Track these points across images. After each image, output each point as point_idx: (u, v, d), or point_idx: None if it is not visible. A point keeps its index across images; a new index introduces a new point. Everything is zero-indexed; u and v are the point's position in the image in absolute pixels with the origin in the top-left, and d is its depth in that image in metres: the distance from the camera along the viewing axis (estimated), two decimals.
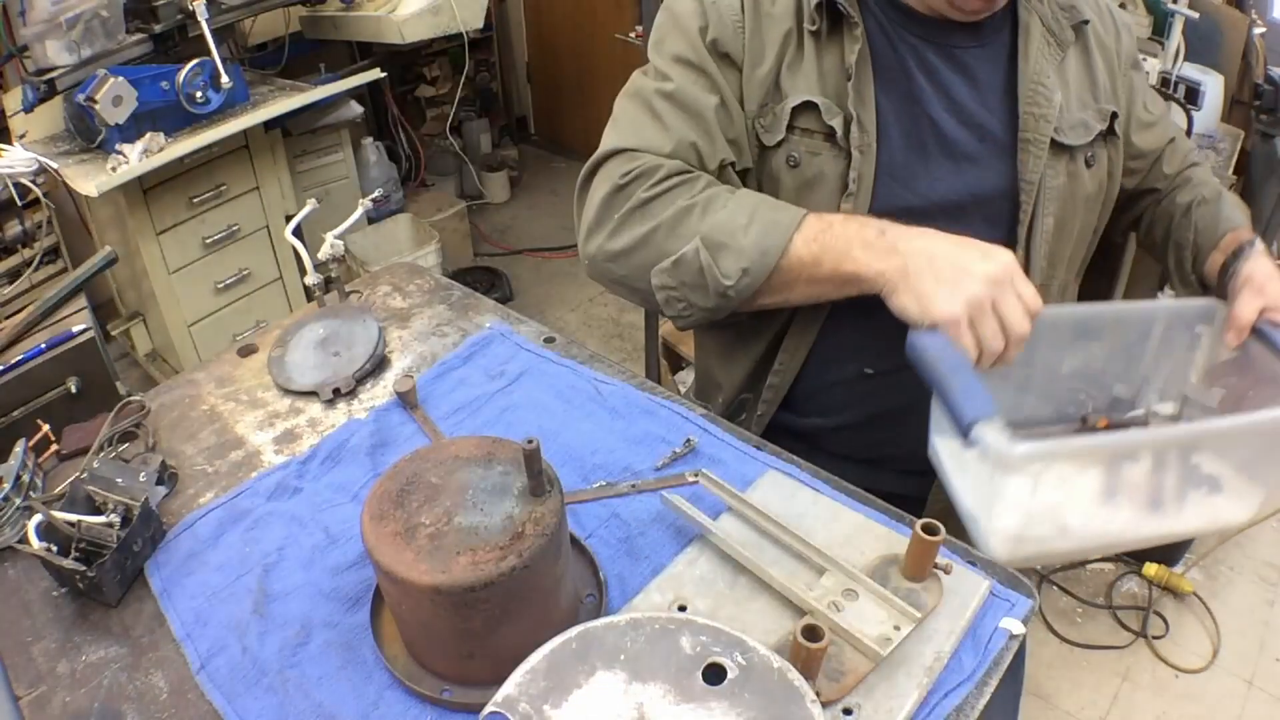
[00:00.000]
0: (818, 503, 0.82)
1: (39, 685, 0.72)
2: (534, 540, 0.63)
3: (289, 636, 0.74)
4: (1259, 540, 2.29)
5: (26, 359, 1.39)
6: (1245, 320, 0.97)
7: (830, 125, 0.96)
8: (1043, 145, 0.99)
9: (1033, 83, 1.00)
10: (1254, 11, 2.25)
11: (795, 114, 0.97)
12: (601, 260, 0.97)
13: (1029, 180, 1.00)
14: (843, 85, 0.96)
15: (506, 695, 0.56)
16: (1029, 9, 1.01)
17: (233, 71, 2.25)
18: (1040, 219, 1.02)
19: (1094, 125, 1.04)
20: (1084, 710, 1.96)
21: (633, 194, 0.94)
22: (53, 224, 2.20)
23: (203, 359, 1.47)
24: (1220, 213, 1.08)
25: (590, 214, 0.97)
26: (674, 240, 0.91)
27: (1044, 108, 0.99)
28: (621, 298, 1.05)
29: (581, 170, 1.00)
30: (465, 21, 2.65)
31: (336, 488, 0.89)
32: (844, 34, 0.97)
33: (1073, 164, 1.03)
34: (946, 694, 0.66)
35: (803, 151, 0.99)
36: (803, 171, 0.99)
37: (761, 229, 0.90)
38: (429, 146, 3.79)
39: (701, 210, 0.92)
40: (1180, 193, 1.14)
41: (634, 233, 0.93)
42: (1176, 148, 1.17)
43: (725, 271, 0.89)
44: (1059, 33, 1.03)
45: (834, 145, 0.97)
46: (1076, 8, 1.04)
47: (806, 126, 0.98)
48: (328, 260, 1.12)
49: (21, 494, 0.85)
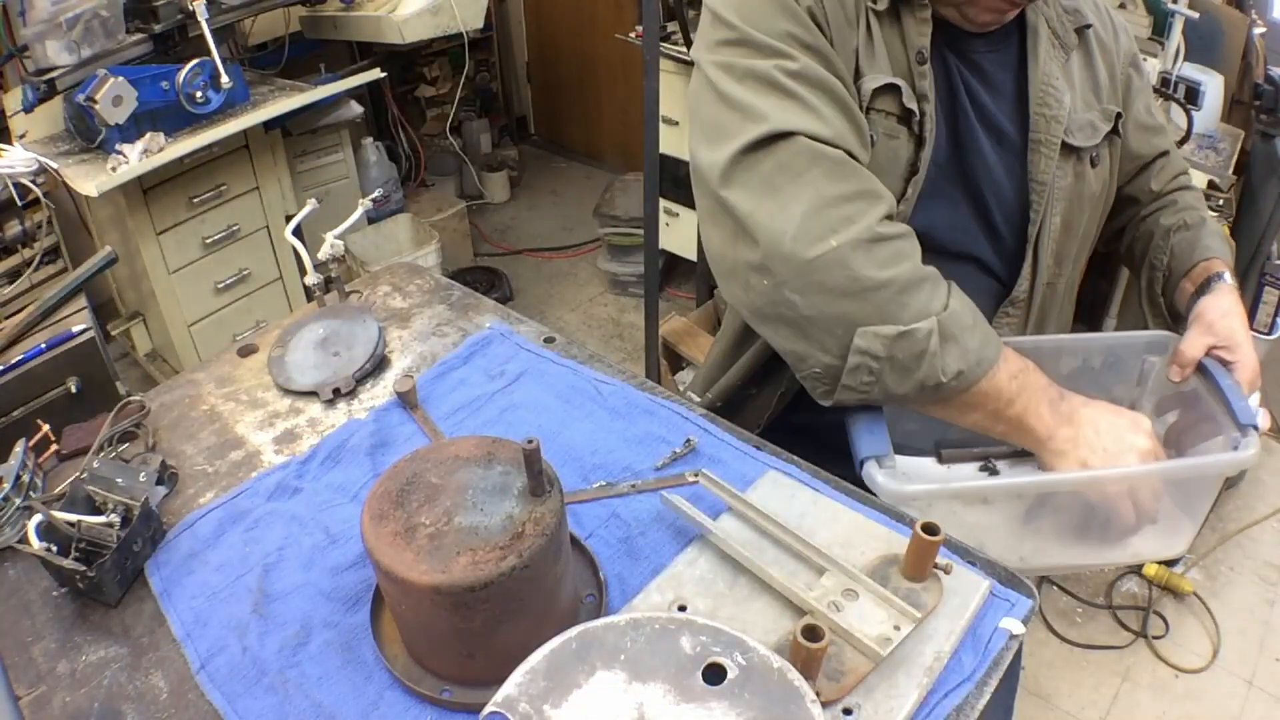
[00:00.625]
0: (818, 503, 0.82)
1: (39, 685, 0.72)
2: (534, 540, 0.63)
3: (289, 636, 0.74)
4: (1259, 540, 2.29)
5: (26, 359, 1.39)
6: (1189, 356, 0.98)
7: (909, 108, 0.94)
8: (1054, 146, 1.00)
9: (1043, 85, 1.00)
10: (1254, 11, 2.25)
11: (875, 95, 0.94)
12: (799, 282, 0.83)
13: (1040, 181, 1.00)
14: (913, 68, 0.95)
15: (506, 695, 0.56)
16: (1036, 12, 1.02)
17: (233, 71, 2.25)
18: (1049, 218, 1.02)
19: (1101, 126, 1.04)
20: (1084, 710, 1.96)
21: (861, 219, 0.83)
22: (53, 224, 2.20)
23: (203, 359, 1.47)
24: (1199, 241, 1.07)
25: (798, 218, 0.83)
26: (900, 308, 0.82)
27: (1054, 109, 1.00)
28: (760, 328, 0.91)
29: (733, 149, 0.86)
30: (465, 21, 2.65)
31: (336, 488, 0.89)
32: (904, 16, 0.94)
33: (1079, 164, 1.03)
34: (946, 694, 0.66)
35: (880, 133, 0.95)
36: (877, 154, 0.95)
37: (983, 336, 0.86)
38: (429, 146, 3.79)
39: (932, 287, 0.85)
40: (1164, 214, 1.14)
41: (865, 273, 0.82)
42: (1168, 164, 1.16)
43: (945, 367, 0.83)
44: (1063, 35, 1.03)
45: (909, 129, 0.96)
46: (1080, 11, 1.05)
47: (884, 108, 0.95)
48: (328, 260, 1.12)
49: (21, 494, 0.85)
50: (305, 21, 2.80)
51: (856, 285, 0.82)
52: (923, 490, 0.86)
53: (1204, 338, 0.98)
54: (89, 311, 1.51)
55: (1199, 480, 0.97)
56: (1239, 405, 0.91)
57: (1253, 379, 0.96)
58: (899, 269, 0.84)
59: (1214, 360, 0.97)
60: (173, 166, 2.20)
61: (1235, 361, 0.96)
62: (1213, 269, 1.04)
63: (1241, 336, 0.98)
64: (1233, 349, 0.97)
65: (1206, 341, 0.98)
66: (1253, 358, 0.97)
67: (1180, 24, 2.10)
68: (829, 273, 0.82)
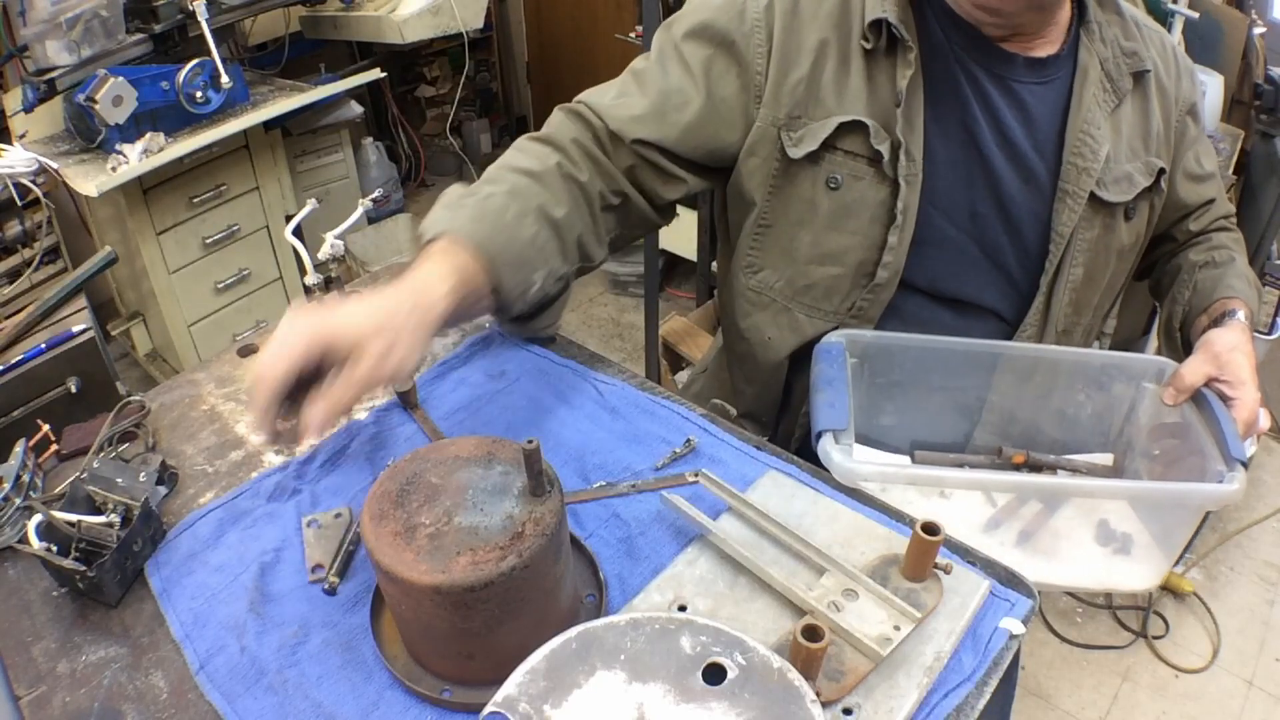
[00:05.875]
0: (818, 503, 0.82)
1: (39, 685, 0.72)
2: (534, 540, 0.63)
3: (287, 636, 0.74)
4: (1259, 540, 2.29)
5: (26, 359, 1.39)
6: (1187, 383, 0.94)
7: (877, 150, 0.92)
8: (1080, 199, 0.95)
9: (1081, 132, 0.95)
10: (1254, 11, 2.25)
11: (839, 133, 0.93)
12: None
13: (1059, 233, 0.96)
14: (891, 109, 0.92)
15: (506, 695, 0.56)
16: (1090, 50, 0.96)
17: (233, 71, 2.25)
18: (1067, 269, 0.98)
19: (1139, 180, 0.99)
20: (1084, 710, 1.96)
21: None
22: (53, 224, 2.20)
23: (203, 359, 1.48)
24: (1223, 279, 1.03)
25: None
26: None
27: (1088, 160, 0.95)
28: None
29: None
30: (465, 21, 2.65)
31: (336, 488, 0.89)
32: (897, 56, 0.92)
33: (1110, 218, 0.99)
34: (946, 694, 0.66)
35: (844, 174, 0.94)
36: (843, 195, 0.95)
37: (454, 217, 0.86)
38: (429, 146, 3.80)
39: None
40: (1194, 250, 1.10)
41: None
42: (1212, 210, 1.12)
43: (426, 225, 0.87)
44: (1118, 79, 0.98)
45: (878, 171, 0.93)
46: (1139, 55, 0.99)
47: (850, 149, 0.94)
48: (328, 260, 1.12)
49: (21, 494, 0.85)
50: (305, 21, 2.80)
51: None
52: (876, 471, 0.84)
53: (1206, 366, 0.93)
54: (89, 311, 1.51)
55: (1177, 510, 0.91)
56: (1232, 438, 0.86)
57: (1251, 420, 0.91)
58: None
59: (1213, 393, 0.93)
60: (173, 166, 2.20)
61: (1235, 399, 0.91)
62: (1229, 306, 1.00)
63: (1246, 375, 0.92)
64: (1235, 385, 0.92)
65: (1208, 371, 0.93)
66: (1254, 399, 0.92)
67: (1180, 24, 2.10)
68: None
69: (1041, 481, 0.82)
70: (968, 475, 0.90)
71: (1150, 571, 0.94)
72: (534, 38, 4.12)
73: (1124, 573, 0.94)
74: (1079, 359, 1.03)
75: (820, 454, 0.85)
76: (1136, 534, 0.92)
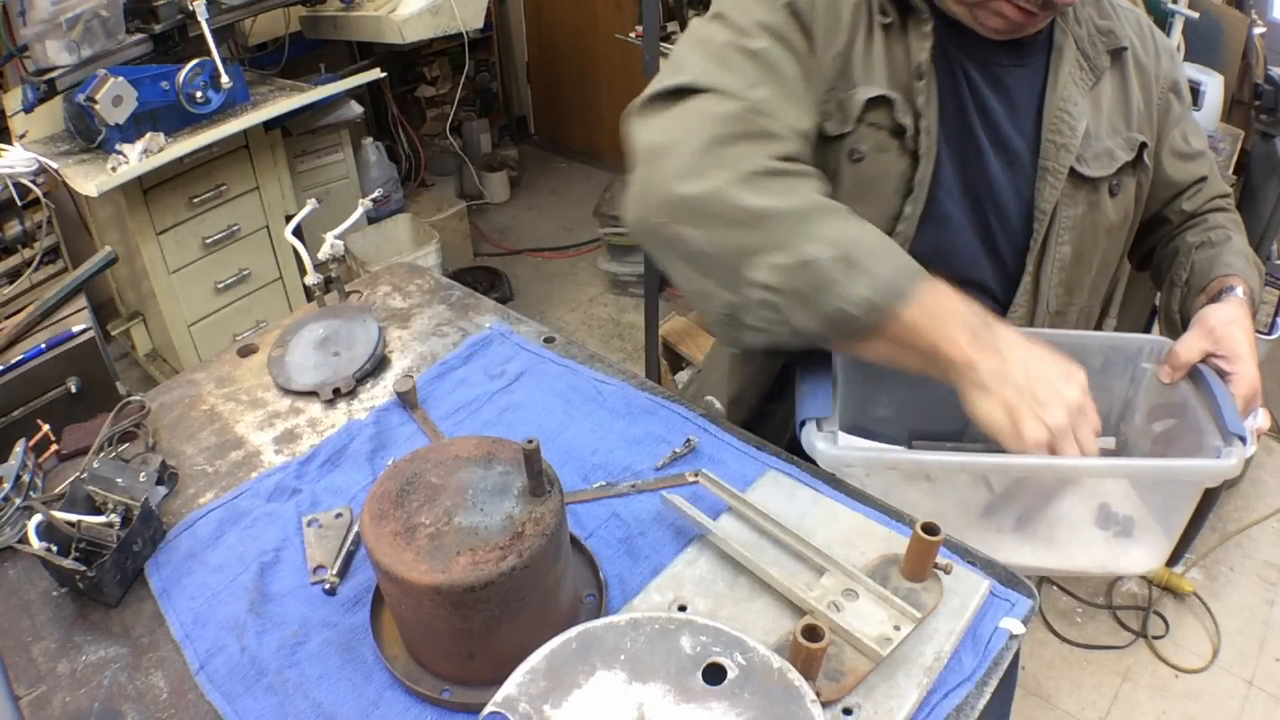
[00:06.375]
0: (818, 503, 0.82)
1: (39, 685, 0.72)
2: (534, 540, 0.63)
3: (287, 636, 0.74)
4: (1259, 540, 2.29)
5: (26, 359, 1.39)
6: (1183, 359, 0.92)
7: (902, 123, 0.92)
8: (1060, 175, 0.96)
9: (1058, 109, 0.96)
10: (1254, 11, 2.25)
11: (868, 107, 0.92)
12: (682, 211, 0.79)
13: (1041, 209, 0.97)
14: (911, 83, 0.92)
15: (506, 695, 0.56)
16: (1064, 31, 0.98)
17: (233, 71, 2.25)
18: (1053, 248, 0.99)
19: (1120, 155, 1.00)
20: (1084, 710, 1.96)
21: (750, 156, 0.79)
22: (53, 224, 2.20)
23: (203, 359, 1.47)
24: (1220, 257, 1.02)
25: (685, 154, 0.80)
26: (797, 236, 0.77)
27: (1067, 136, 0.96)
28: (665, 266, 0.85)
29: (652, 90, 0.87)
30: (465, 21, 2.65)
31: (336, 489, 0.89)
32: (910, 30, 0.92)
33: (1094, 194, 0.99)
34: (946, 694, 0.66)
35: (869, 147, 0.93)
36: (865, 169, 0.93)
37: (899, 265, 0.78)
38: (429, 146, 3.79)
39: (836, 216, 0.79)
40: (1191, 232, 1.09)
41: (751, 203, 0.77)
42: (1205, 188, 1.11)
43: (852, 296, 0.75)
44: (1094, 58, 0.99)
45: (901, 144, 0.93)
46: (1115, 33, 1.00)
47: (876, 121, 0.92)
48: (328, 260, 1.12)
49: (21, 494, 0.85)
50: (305, 21, 2.80)
51: (743, 215, 0.77)
52: (859, 457, 0.83)
53: (1201, 342, 0.92)
54: (89, 311, 1.51)
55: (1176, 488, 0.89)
56: (1230, 413, 0.85)
57: (1250, 395, 0.89)
58: (791, 199, 0.78)
59: (1210, 369, 0.91)
60: (173, 166, 2.20)
61: (1233, 374, 0.89)
62: (1228, 283, 0.99)
63: (1243, 349, 0.90)
64: (1232, 360, 0.90)
65: (1203, 346, 0.92)
66: (1253, 373, 0.90)
67: (1180, 24, 2.10)
68: (707, 205, 0.78)
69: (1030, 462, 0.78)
70: (954, 459, 0.88)
71: (1152, 554, 0.93)
72: (534, 38, 4.13)
73: (1126, 556, 0.93)
74: (1076, 341, 1.01)
75: (804, 442, 0.82)
76: (1139, 516, 0.91)
